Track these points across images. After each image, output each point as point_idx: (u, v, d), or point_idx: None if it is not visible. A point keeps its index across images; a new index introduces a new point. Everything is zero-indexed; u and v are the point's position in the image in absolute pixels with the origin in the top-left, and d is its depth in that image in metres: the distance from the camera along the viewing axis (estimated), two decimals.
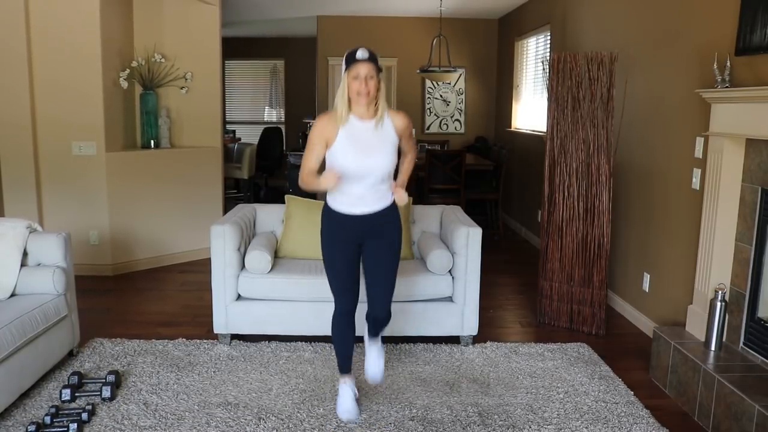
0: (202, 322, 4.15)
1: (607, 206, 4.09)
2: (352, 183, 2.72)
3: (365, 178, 2.72)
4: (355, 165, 2.69)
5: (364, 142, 2.71)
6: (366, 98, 2.66)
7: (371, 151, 2.71)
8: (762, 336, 3.06)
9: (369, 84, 2.64)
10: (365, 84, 2.63)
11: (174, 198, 5.62)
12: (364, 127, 2.72)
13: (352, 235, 2.82)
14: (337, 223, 2.82)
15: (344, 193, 2.76)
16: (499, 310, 4.62)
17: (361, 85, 2.63)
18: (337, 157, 2.71)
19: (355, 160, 2.69)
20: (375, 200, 2.79)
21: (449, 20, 8.14)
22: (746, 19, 3.07)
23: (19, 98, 4.94)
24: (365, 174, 2.71)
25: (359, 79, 2.63)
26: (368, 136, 2.72)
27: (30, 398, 3.10)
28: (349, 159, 2.69)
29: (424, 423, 2.95)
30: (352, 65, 2.64)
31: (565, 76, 4.12)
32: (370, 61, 2.63)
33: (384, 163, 2.73)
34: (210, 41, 5.85)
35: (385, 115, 2.74)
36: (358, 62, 2.62)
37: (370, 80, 2.64)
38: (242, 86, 11.73)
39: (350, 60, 2.65)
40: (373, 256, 2.86)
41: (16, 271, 3.33)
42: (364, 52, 2.64)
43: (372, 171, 2.72)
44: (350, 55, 2.65)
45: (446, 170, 6.30)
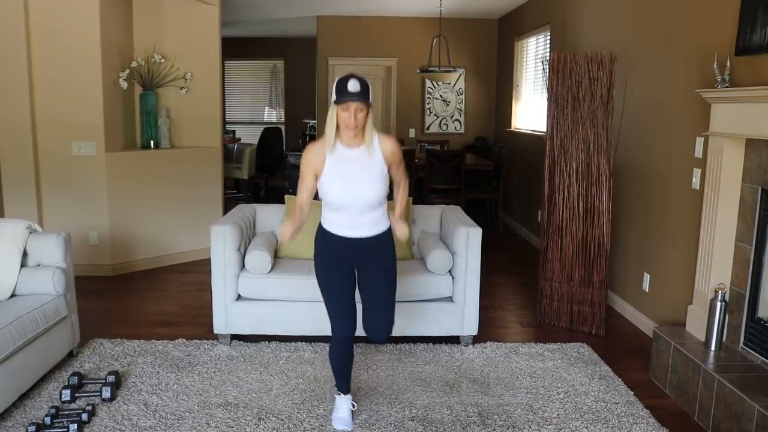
0: (202, 322, 4.15)
1: (607, 206, 4.09)
2: (342, 211, 2.74)
3: (355, 206, 2.72)
4: (343, 193, 2.71)
5: (351, 170, 2.70)
6: (354, 131, 2.66)
7: (359, 179, 2.70)
8: (762, 336, 3.06)
9: (358, 117, 2.62)
10: (354, 117, 2.61)
11: (174, 198, 5.62)
12: (352, 155, 2.70)
13: (346, 257, 2.82)
14: (331, 244, 2.82)
15: (336, 220, 2.78)
16: (499, 310, 4.62)
17: (350, 118, 2.61)
18: (326, 186, 2.72)
19: (343, 189, 2.70)
20: (370, 226, 2.78)
21: (449, 20, 8.14)
22: (746, 19, 3.07)
23: (19, 98, 4.94)
24: (354, 202, 2.72)
25: (349, 111, 2.61)
26: (355, 165, 2.70)
27: (30, 399, 3.10)
28: (337, 188, 2.70)
29: (424, 423, 2.95)
30: (341, 98, 2.59)
31: (565, 76, 4.12)
32: (360, 95, 2.58)
33: (372, 190, 2.71)
34: (210, 41, 5.85)
35: (373, 140, 2.71)
36: (348, 95, 2.58)
37: (359, 113, 2.62)
38: (242, 86, 11.73)
39: (341, 92, 2.60)
40: (369, 280, 2.85)
41: (16, 271, 3.33)
42: (355, 86, 2.57)
43: (361, 199, 2.71)
44: (341, 85, 2.60)
45: (446, 170, 6.30)
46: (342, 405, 2.95)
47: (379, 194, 2.73)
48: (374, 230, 2.79)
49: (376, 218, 2.78)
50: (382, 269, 2.85)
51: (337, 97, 2.61)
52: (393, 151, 2.76)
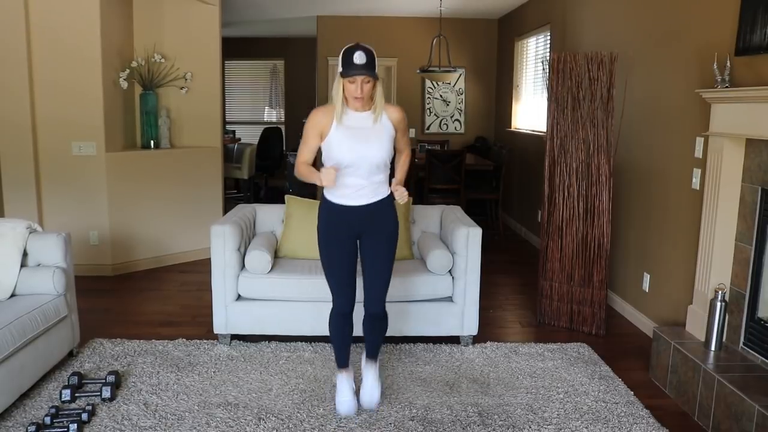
0: (202, 322, 4.15)
1: (607, 206, 4.09)
2: (348, 174, 2.75)
3: (361, 167, 2.74)
4: (351, 154, 2.71)
5: (360, 131, 2.73)
6: (361, 102, 2.69)
7: (367, 140, 2.73)
8: (762, 336, 3.06)
9: (364, 88, 2.65)
10: (361, 89, 2.64)
11: (174, 198, 5.62)
12: (361, 117, 2.74)
13: (350, 228, 2.85)
14: (336, 216, 2.84)
15: (341, 185, 2.78)
16: (499, 310, 4.62)
17: (356, 90, 2.64)
18: (332, 147, 2.73)
19: (351, 149, 2.71)
20: (372, 192, 2.82)
21: (449, 20, 8.14)
22: (746, 19, 3.07)
23: (19, 98, 4.94)
24: (361, 163, 2.73)
25: (355, 84, 2.63)
26: (364, 126, 2.74)
27: (30, 398, 3.10)
28: (345, 149, 2.72)
29: (424, 423, 2.95)
30: (347, 70, 2.60)
31: (565, 76, 4.12)
32: (366, 67, 2.59)
33: (379, 152, 2.75)
34: (210, 41, 5.85)
35: (382, 110, 2.76)
36: (354, 68, 2.59)
37: (365, 84, 2.64)
38: (242, 86, 11.73)
39: (347, 64, 2.60)
40: (371, 248, 2.89)
41: (16, 271, 3.33)
42: (362, 57, 2.58)
43: (367, 160, 2.74)
44: (347, 56, 2.60)
45: (446, 170, 6.30)
46: (343, 387, 2.97)
47: (384, 156, 2.77)
48: (376, 196, 2.83)
49: (378, 183, 2.82)
50: (385, 235, 2.88)
51: (343, 69, 2.61)
52: (400, 118, 2.82)
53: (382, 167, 2.80)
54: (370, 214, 2.84)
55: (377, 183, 2.82)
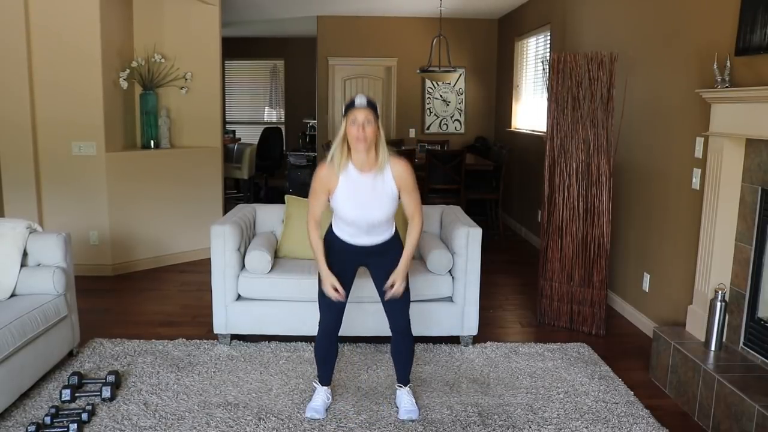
0: (202, 322, 4.15)
1: (607, 206, 4.09)
2: (351, 225, 2.84)
3: (364, 224, 2.82)
4: (354, 215, 2.80)
5: (362, 196, 2.77)
6: (364, 144, 2.69)
7: (369, 204, 2.78)
8: (762, 336, 3.06)
9: (366, 129, 2.66)
10: (362, 129, 2.66)
11: (174, 198, 5.62)
12: (363, 181, 2.76)
13: (355, 257, 2.94)
14: (339, 248, 2.92)
15: (344, 227, 2.87)
16: (499, 310, 4.62)
17: (358, 131, 2.66)
18: (338, 203, 2.81)
19: (354, 211, 2.79)
20: (376, 235, 2.89)
21: (449, 20, 8.14)
22: (746, 19, 3.07)
23: (19, 98, 4.94)
24: (363, 221, 2.81)
25: (357, 124, 2.66)
26: (366, 190, 2.76)
27: (30, 398, 3.10)
28: (348, 209, 2.79)
29: (424, 423, 2.95)
30: (349, 111, 2.68)
31: (565, 76, 4.12)
32: (368, 106, 2.67)
33: (381, 214, 2.80)
34: (210, 41, 5.85)
35: (385, 164, 2.76)
36: (355, 108, 2.67)
37: (367, 125, 2.67)
38: (242, 86, 11.73)
39: (348, 107, 2.70)
40: (382, 273, 2.93)
41: (16, 271, 3.33)
42: (362, 99, 2.69)
43: (370, 219, 2.81)
44: (349, 102, 2.71)
45: (446, 170, 6.30)
46: (317, 395, 3.05)
47: (387, 215, 2.84)
48: (381, 238, 2.91)
49: (383, 229, 2.89)
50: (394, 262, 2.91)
51: (345, 112, 2.71)
52: (403, 175, 2.79)
53: (385, 222, 2.86)
54: (373, 251, 2.92)
55: (382, 228, 2.89)
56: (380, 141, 2.72)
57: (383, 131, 2.76)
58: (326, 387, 3.09)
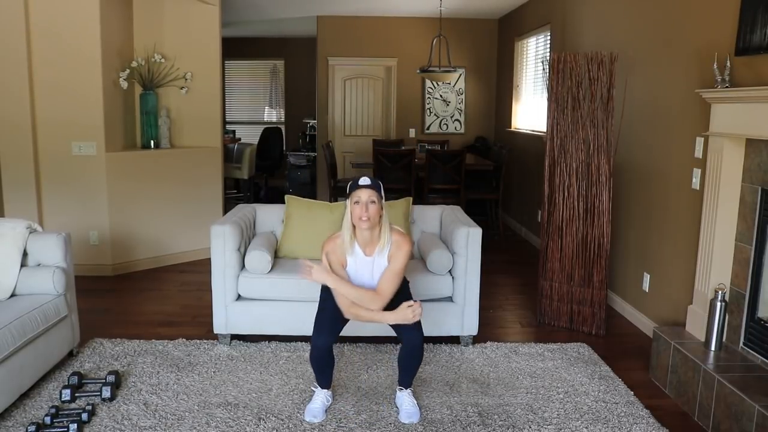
0: (202, 322, 4.15)
1: (607, 206, 4.09)
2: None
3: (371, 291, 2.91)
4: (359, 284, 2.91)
5: (367, 274, 2.90)
6: (368, 223, 2.76)
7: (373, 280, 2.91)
8: (762, 336, 3.06)
9: (370, 209, 2.74)
10: (366, 209, 2.73)
11: (174, 198, 5.62)
12: (368, 262, 2.88)
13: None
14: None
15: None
16: (499, 310, 4.62)
17: (362, 210, 2.74)
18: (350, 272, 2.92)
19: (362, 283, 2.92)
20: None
21: (449, 20, 8.14)
22: (746, 19, 3.07)
23: (19, 98, 4.94)
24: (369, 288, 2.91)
25: (360, 203, 2.74)
26: (372, 270, 2.90)
27: (30, 398, 3.10)
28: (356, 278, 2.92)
29: (424, 423, 2.95)
30: (353, 191, 2.76)
31: (565, 76, 4.12)
32: (372, 187, 2.76)
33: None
34: (210, 41, 5.85)
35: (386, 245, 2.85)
36: (359, 188, 2.75)
37: (371, 205, 2.75)
38: (242, 86, 11.73)
39: (353, 187, 2.78)
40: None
41: (16, 271, 3.33)
42: (366, 179, 2.78)
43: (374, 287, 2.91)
44: (353, 182, 2.79)
45: (446, 170, 6.30)
46: (318, 398, 3.05)
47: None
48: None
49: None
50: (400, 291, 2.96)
51: (349, 192, 2.79)
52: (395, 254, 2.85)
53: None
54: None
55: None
56: (384, 220, 2.83)
57: (386, 211, 2.85)
58: (326, 390, 3.08)
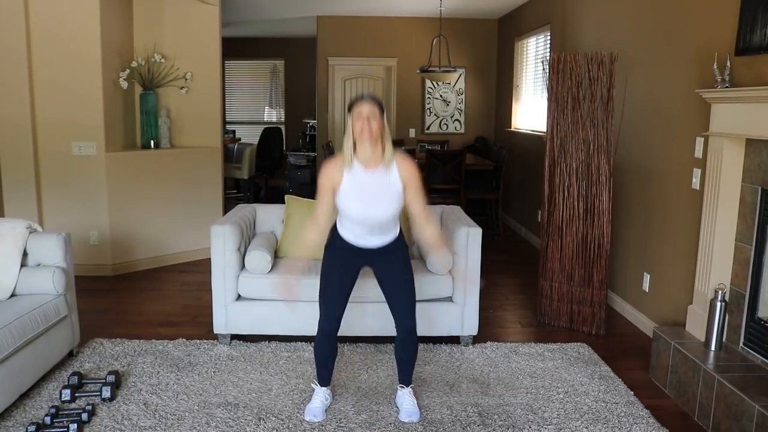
0: (202, 322, 4.15)
1: (607, 206, 4.09)
2: (356, 224, 2.83)
3: (369, 222, 2.81)
4: (358, 212, 2.79)
5: (368, 192, 2.76)
6: (369, 138, 2.68)
7: (374, 201, 2.77)
8: (762, 336, 3.06)
9: (371, 123, 2.67)
10: (368, 123, 2.67)
11: (174, 198, 5.62)
12: (369, 178, 2.76)
13: (357, 261, 2.94)
14: (343, 250, 2.92)
15: (348, 228, 2.87)
16: (499, 310, 4.62)
17: (363, 124, 2.67)
18: (343, 202, 2.79)
19: (358, 208, 2.78)
20: (381, 235, 2.88)
21: (449, 20, 8.14)
22: (746, 19, 3.07)
23: (19, 98, 4.93)
24: (368, 220, 2.81)
25: (362, 118, 2.68)
26: (372, 187, 2.76)
27: (30, 398, 3.10)
28: (353, 206, 2.78)
29: (424, 423, 2.95)
30: (354, 106, 2.71)
31: (565, 76, 4.12)
32: (373, 101, 2.71)
33: (386, 211, 2.79)
34: (210, 41, 5.85)
35: (392, 160, 2.76)
36: (360, 103, 2.70)
37: (372, 120, 2.68)
38: (242, 86, 11.73)
39: (354, 102, 2.73)
40: (387, 274, 2.95)
41: (16, 271, 3.33)
42: (367, 95, 2.75)
43: (375, 218, 2.80)
44: (354, 98, 2.75)
45: (446, 170, 6.30)
46: (316, 396, 3.04)
47: (392, 213, 2.82)
48: (385, 239, 2.90)
49: (388, 227, 2.88)
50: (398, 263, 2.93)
51: (350, 108, 2.73)
52: (409, 172, 2.78)
53: (391, 221, 2.85)
54: (378, 253, 2.91)
55: (387, 227, 2.87)
56: (386, 136, 2.73)
57: (389, 128, 2.77)
58: (325, 387, 3.08)
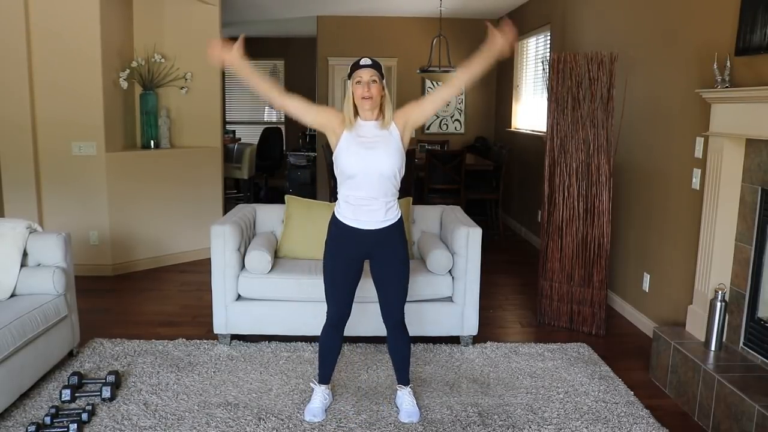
0: (202, 322, 4.15)
1: (607, 206, 4.09)
2: (356, 182, 2.73)
3: (370, 175, 2.71)
4: (358, 162, 2.70)
5: (368, 139, 2.74)
6: (370, 102, 2.69)
7: (375, 147, 2.71)
8: (762, 336, 3.06)
9: (372, 88, 2.68)
10: (368, 88, 2.68)
11: (174, 198, 5.62)
12: (369, 125, 2.77)
13: (359, 248, 2.84)
14: (344, 237, 2.83)
15: (351, 200, 2.77)
16: (499, 310, 4.62)
17: (364, 90, 2.68)
18: (342, 155, 2.73)
19: (359, 154, 2.70)
20: (383, 213, 2.78)
21: (449, 20, 8.14)
22: (746, 19, 3.07)
23: (19, 98, 4.93)
24: (370, 171, 2.71)
25: (362, 83, 2.69)
26: (373, 134, 2.75)
27: (30, 398, 3.10)
28: (352, 160, 2.71)
29: (424, 423, 2.95)
30: (354, 71, 2.72)
31: (565, 76, 4.12)
32: (373, 66, 2.71)
33: (388, 161, 2.71)
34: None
35: (391, 122, 2.77)
36: (360, 67, 2.71)
37: (372, 84, 2.68)
38: (242, 86, 11.67)
39: (354, 67, 2.73)
40: (383, 267, 2.90)
41: (16, 271, 3.33)
42: (367, 59, 2.73)
43: (377, 169, 2.71)
44: (354, 63, 2.74)
45: (446, 170, 6.30)
46: (317, 396, 3.03)
47: (393, 166, 2.73)
48: (387, 219, 2.79)
49: (389, 203, 2.78)
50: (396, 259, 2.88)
51: (350, 72, 2.73)
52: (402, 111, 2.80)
53: (393, 181, 2.76)
54: (378, 239, 2.81)
55: (388, 202, 2.78)
56: (386, 100, 2.74)
57: (388, 91, 2.77)
58: (325, 386, 3.08)
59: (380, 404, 3.12)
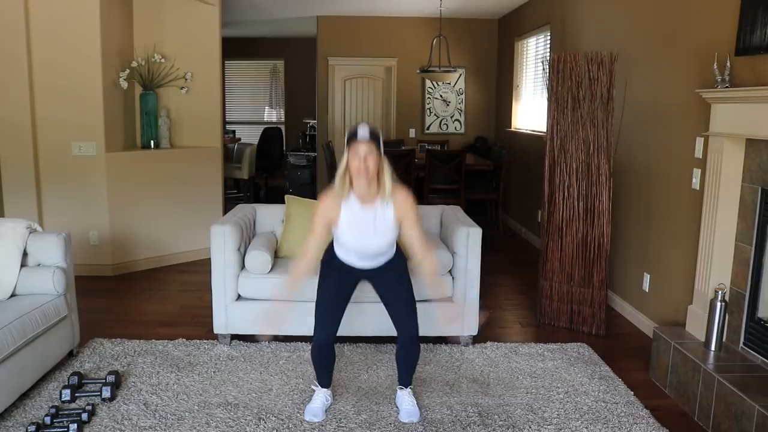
0: (202, 322, 4.15)
1: (607, 206, 4.09)
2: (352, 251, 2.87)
3: (365, 252, 2.86)
4: (355, 245, 2.84)
5: (363, 228, 2.79)
6: (366, 177, 2.69)
7: (370, 235, 2.80)
8: (762, 336, 3.06)
9: (368, 162, 2.66)
10: (364, 162, 2.66)
11: (174, 198, 5.62)
12: (364, 214, 2.77)
13: (354, 276, 2.97)
14: (339, 268, 2.95)
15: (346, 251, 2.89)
16: (499, 310, 4.61)
17: (360, 164, 2.67)
18: (339, 233, 2.83)
19: (355, 241, 2.83)
20: (378, 257, 2.91)
21: (449, 20, 8.13)
22: (746, 19, 3.07)
23: (19, 99, 4.93)
24: (365, 250, 2.85)
25: (359, 157, 2.67)
26: (368, 223, 2.78)
27: (30, 398, 3.10)
28: (350, 239, 2.83)
29: (424, 423, 2.95)
30: (352, 143, 2.69)
31: (565, 76, 4.12)
32: (371, 139, 2.67)
33: (384, 242, 2.84)
34: (210, 41, 5.85)
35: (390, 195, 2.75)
36: (357, 141, 2.67)
37: (369, 157, 2.66)
38: (242, 86, 11.74)
39: (351, 138, 2.70)
40: (386, 288, 2.99)
41: (16, 271, 3.33)
42: (365, 131, 2.67)
43: (371, 249, 2.85)
44: (351, 133, 2.70)
45: (446, 170, 6.30)
46: (318, 397, 3.05)
47: (389, 244, 2.86)
48: (383, 260, 2.94)
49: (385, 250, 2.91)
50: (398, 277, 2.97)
51: (347, 143, 2.70)
52: (404, 204, 2.78)
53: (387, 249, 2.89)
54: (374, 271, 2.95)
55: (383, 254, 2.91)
56: (384, 170, 2.73)
57: (386, 161, 2.75)
58: (326, 389, 3.08)
59: (380, 404, 3.12)
